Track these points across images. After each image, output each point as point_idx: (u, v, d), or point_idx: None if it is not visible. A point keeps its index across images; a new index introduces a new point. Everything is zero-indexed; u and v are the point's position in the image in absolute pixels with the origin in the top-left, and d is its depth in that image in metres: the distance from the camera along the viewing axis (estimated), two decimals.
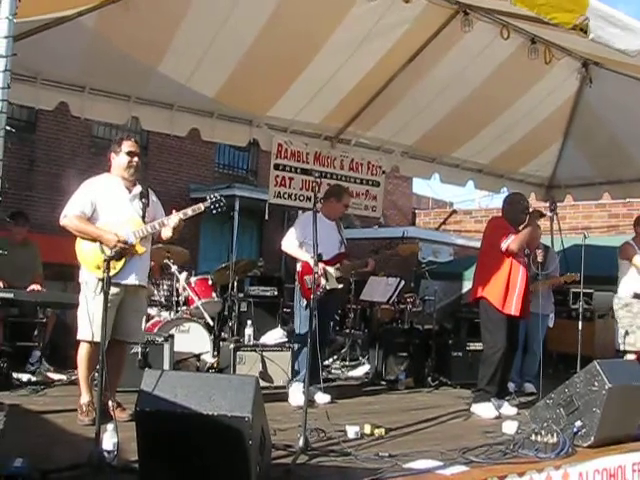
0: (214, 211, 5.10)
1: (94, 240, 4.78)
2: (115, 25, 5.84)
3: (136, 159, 5.01)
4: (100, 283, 4.66)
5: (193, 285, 7.49)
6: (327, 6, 6.30)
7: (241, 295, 8.40)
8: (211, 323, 7.25)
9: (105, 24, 5.81)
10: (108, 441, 3.52)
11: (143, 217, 4.95)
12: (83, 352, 4.86)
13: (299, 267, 6.48)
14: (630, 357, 7.07)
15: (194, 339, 6.95)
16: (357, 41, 6.80)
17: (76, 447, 4.02)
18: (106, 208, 4.90)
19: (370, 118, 8.25)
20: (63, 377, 6.46)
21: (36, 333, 6.92)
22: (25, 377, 6.29)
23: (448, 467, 3.89)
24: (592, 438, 4.49)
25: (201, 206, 5.06)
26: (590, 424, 4.51)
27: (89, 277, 4.83)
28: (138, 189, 5.03)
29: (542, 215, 6.46)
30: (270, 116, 7.85)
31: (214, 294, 7.65)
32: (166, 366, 6.15)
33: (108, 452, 3.48)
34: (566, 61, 7.59)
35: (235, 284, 7.85)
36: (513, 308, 5.98)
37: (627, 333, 7.11)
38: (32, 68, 6.21)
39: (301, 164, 8.24)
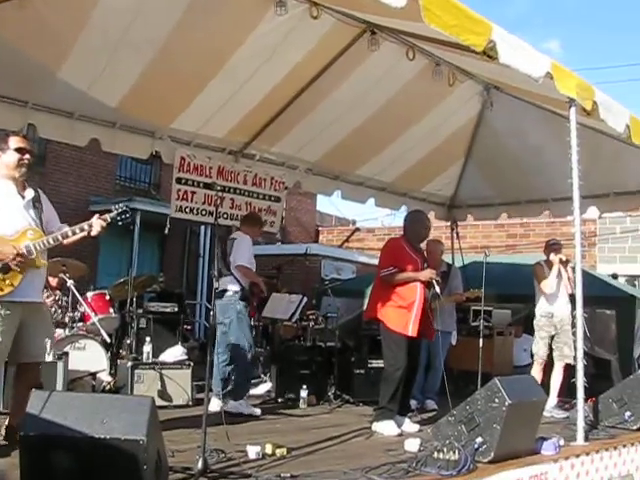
0: (120, 222, 4.71)
1: None
2: (10, 24, 5.50)
3: (27, 156, 4.53)
4: None
5: (89, 300, 7.22)
6: (235, 19, 6.21)
7: (140, 311, 8.15)
8: (108, 340, 7.00)
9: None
10: None
11: (41, 225, 4.54)
12: None
13: (246, 286, 6.70)
14: (535, 368, 7.28)
15: (90, 357, 6.70)
16: (264, 56, 6.75)
17: None
18: None
19: (275, 134, 8.20)
20: None
21: None
22: None
23: None
24: (492, 454, 4.53)
25: (107, 217, 4.64)
26: (490, 440, 4.55)
27: None
28: (31, 193, 4.57)
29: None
30: (173, 128, 7.66)
31: (111, 310, 7.41)
32: (59, 386, 5.87)
33: None
34: (469, 84, 7.81)
35: (134, 300, 7.60)
36: (410, 329, 5.98)
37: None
38: None
39: (204, 178, 8.07)
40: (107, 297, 7.48)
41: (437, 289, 6.12)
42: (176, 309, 9.10)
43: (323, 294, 10.96)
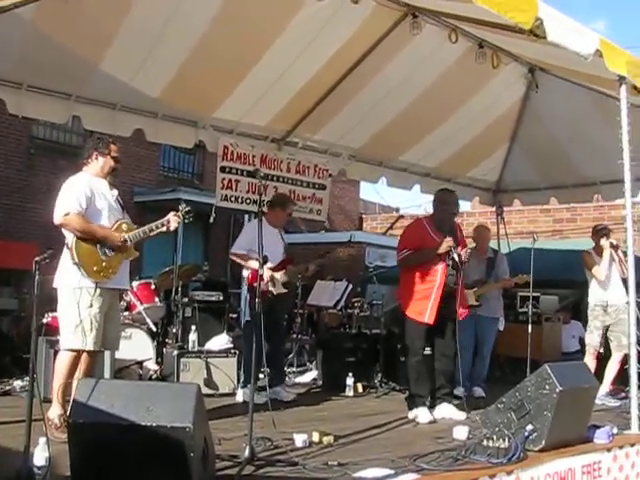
0: (185, 220, 5.04)
1: (97, 241, 4.60)
2: (55, 19, 5.60)
3: (119, 165, 4.93)
4: (98, 289, 4.58)
5: (135, 290, 7.27)
6: (276, 6, 6.19)
7: (185, 300, 8.19)
8: (154, 329, 7.05)
9: (44, 17, 5.55)
10: (39, 455, 3.30)
11: None
12: (67, 361, 4.61)
13: (248, 274, 6.58)
14: (588, 358, 7.14)
15: (136, 345, 6.73)
16: (305, 42, 6.71)
17: (5, 463, 3.73)
18: (100, 209, 4.72)
19: (317, 121, 8.16)
20: None
21: None
22: None
23: (399, 475, 3.78)
24: (543, 442, 4.43)
25: (179, 215, 4.98)
26: (541, 428, 4.45)
27: (85, 282, 4.55)
28: (115, 192, 4.92)
29: None
30: (215, 117, 7.69)
31: (157, 299, 7.44)
32: (107, 374, 5.89)
33: (39, 468, 3.25)
34: (513, 66, 7.66)
35: (179, 289, 7.64)
36: (427, 316, 5.82)
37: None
38: None
39: (247, 167, 8.07)
40: (152, 286, 7.51)
41: (456, 257, 5.81)
42: (221, 298, 9.11)
43: (368, 281, 10.91)
